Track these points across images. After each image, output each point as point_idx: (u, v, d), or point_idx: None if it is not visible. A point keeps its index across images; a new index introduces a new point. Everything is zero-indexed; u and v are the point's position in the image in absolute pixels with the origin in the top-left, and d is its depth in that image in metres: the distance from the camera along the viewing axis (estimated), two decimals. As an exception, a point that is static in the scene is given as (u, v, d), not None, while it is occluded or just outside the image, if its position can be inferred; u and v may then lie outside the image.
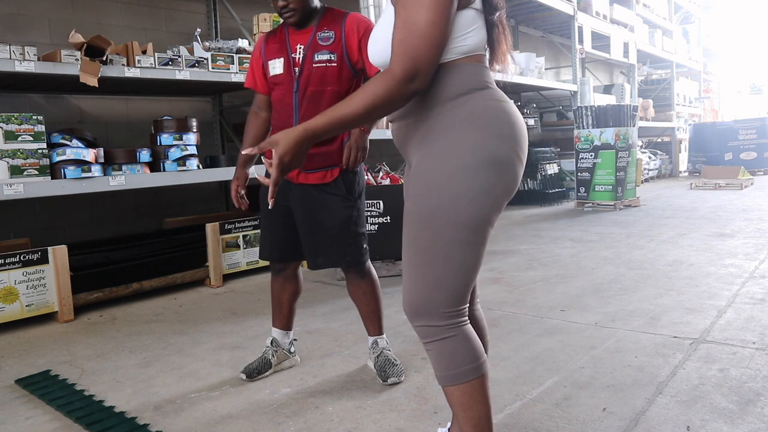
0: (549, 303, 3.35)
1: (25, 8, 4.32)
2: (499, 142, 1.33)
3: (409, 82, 1.23)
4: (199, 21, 5.36)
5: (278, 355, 2.50)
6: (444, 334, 1.36)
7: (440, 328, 1.36)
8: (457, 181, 1.31)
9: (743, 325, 2.82)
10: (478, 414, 1.39)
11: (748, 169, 11.44)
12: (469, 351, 1.38)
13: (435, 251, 1.33)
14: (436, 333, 1.36)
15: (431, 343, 1.38)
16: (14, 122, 3.23)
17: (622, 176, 7.65)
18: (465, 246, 1.33)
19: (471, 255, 1.34)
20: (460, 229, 1.32)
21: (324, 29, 2.22)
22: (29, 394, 2.36)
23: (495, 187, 1.33)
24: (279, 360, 2.50)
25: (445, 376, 1.39)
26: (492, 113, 1.34)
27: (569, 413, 2.00)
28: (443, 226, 1.32)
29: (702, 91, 16.25)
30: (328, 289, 3.96)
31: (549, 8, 8.44)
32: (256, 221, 4.45)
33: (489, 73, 1.41)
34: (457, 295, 1.35)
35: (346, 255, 2.29)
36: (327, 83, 2.21)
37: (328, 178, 2.25)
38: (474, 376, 1.37)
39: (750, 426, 1.85)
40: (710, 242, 4.98)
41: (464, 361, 1.37)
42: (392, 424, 1.98)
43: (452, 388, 1.38)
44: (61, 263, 3.38)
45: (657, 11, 12.30)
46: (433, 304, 1.35)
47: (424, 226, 1.34)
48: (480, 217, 1.33)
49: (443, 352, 1.37)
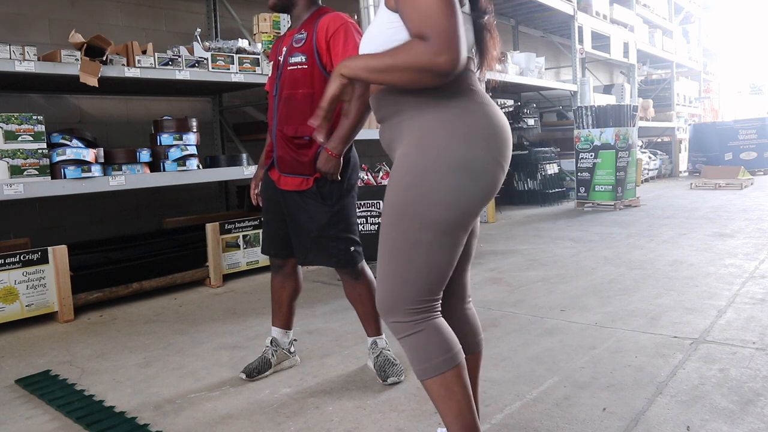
0: (549, 303, 3.35)
1: (25, 8, 4.32)
2: (473, 146, 1.33)
3: (444, 54, 1.20)
4: (199, 21, 5.36)
5: (278, 355, 2.49)
6: (413, 329, 1.38)
7: (408, 323, 1.38)
8: (424, 181, 1.32)
9: (743, 325, 2.82)
10: (457, 405, 1.39)
11: (748, 169, 11.43)
12: (440, 343, 1.39)
13: (401, 249, 1.36)
14: (405, 329, 1.39)
15: (403, 339, 1.41)
16: (14, 122, 3.23)
17: (622, 176, 7.65)
18: (431, 246, 1.34)
19: (437, 256, 1.36)
20: (425, 230, 1.33)
21: (302, 30, 2.21)
22: (29, 394, 2.36)
23: (466, 191, 1.33)
24: (279, 360, 2.50)
25: (419, 370, 1.40)
26: (471, 117, 1.34)
27: (569, 413, 2.00)
28: (409, 224, 1.34)
29: (702, 91, 16.26)
30: (328, 289, 3.96)
31: (549, 8, 8.44)
32: (256, 221, 4.45)
33: (474, 76, 1.41)
34: (423, 293, 1.38)
35: (331, 256, 2.28)
36: (298, 86, 2.18)
37: (304, 185, 2.24)
38: (448, 367, 1.38)
39: (750, 426, 1.85)
40: (710, 242, 4.98)
41: (436, 353, 1.38)
42: (392, 424, 1.98)
43: (429, 381, 1.40)
44: (61, 263, 3.38)
45: (657, 11, 12.30)
46: (399, 302, 1.38)
47: (392, 224, 1.37)
48: (447, 219, 1.33)
49: (415, 347, 1.39)
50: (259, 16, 4.85)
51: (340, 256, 2.29)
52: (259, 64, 4.41)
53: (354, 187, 2.34)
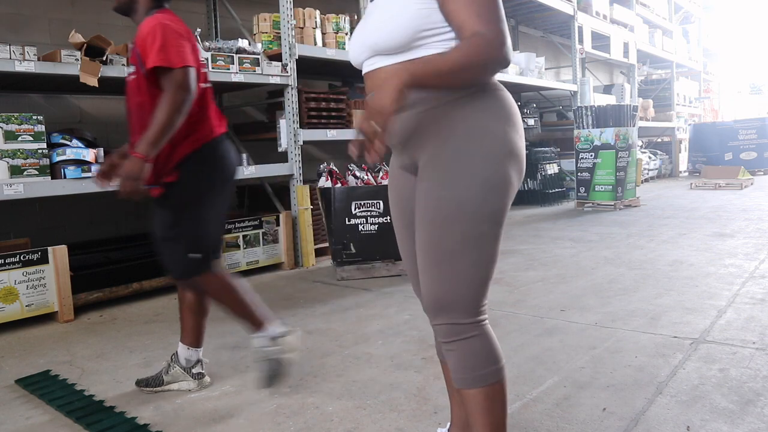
0: (549, 303, 3.35)
1: (25, 8, 4.32)
2: (515, 132, 1.33)
3: (503, 46, 1.21)
4: (199, 21, 5.36)
5: (173, 373, 2.31)
6: (468, 332, 1.31)
7: (465, 326, 1.31)
8: (484, 170, 1.27)
9: (743, 325, 2.82)
10: (497, 420, 1.33)
11: (748, 169, 11.43)
12: (492, 352, 1.34)
13: (462, 245, 1.28)
14: (460, 331, 1.31)
15: (454, 343, 1.32)
16: (14, 122, 3.23)
17: (622, 176, 7.65)
18: (489, 238, 1.30)
19: (494, 247, 1.32)
20: (486, 221, 1.28)
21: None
22: (29, 394, 2.36)
23: (513, 177, 1.32)
24: (173, 378, 2.31)
25: (467, 378, 1.33)
26: (506, 103, 1.34)
27: (569, 413, 2.00)
28: (471, 218, 1.28)
29: (702, 91, 16.26)
30: (328, 289, 3.96)
31: (549, 8, 8.45)
32: (256, 221, 4.45)
33: None
34: (482, 289, 1.32)
35: (169, 265, 2.18)
36: (132, 95, 2.12)
37: (157, 192, 2.14)
38: (496, 378, 1.33)
39: (750, 426, 1.85)
40: (710, 242, 4.98)
41: (488, 362, 1.32)
42: (392, 424, 1.98)
43: (474, 391, 1.32)
44: (61, 263, 3.38)
45: (657, 11, 12.31)
46: (460, 300, 1.30)
47: (450, 219, 1.28)
48: (502, 208, 1.31)
49: (467, 352, 1.32)
50: (259, 16, 4.85)
51: (176, 266, 2.16)
52: (259, 64, 4.41)
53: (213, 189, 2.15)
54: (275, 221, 4.61)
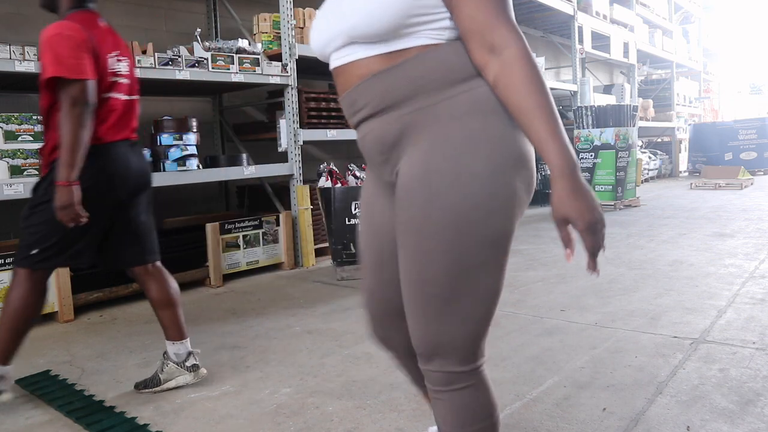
0: (549, 303, 3.35)
1: (25, 8, 4.32)
2: (523, 135, 1.07)
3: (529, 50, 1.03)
4: (199, 21, 5.36)
5: (168, 370, 2.33)
6: (462, 382, 1.12)
7: (459, 374, 1.11)
8: (485, 186, 1.03)
9: (743, 325, 2.82)
10: None
11: (748, 169, 11.43)
12: (486, 404, 1.15)
13: (458, 278, 1.05)
14: (453, 380, 1.12)
15: (445, 393, 1.13)
16: (14, 122, 3.23)
17: (622, 176, 7.66)
18: (492, 268, 1.07)
19: (497, 279, 1.09)
20: (487, 248, 1.05)
21: None
22: (29, 394, 2.36)
23: (522, 191, 1.08)
24: (169, 375, 2.33)
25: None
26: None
27: (569, 413, 2.00)
28: (469, 244, 1.04)
29: (702, 91, 16.27)
30: (328, 289, 3.96)
31: (549, 8, 8.44)
32: (256, 221, 4.45)
33: None
34: (483, 329, 1.12)
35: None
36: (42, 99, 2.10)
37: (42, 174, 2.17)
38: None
39: (750, 426, 1.85)
40: (710, 242, 4.98)
41: (480, 416, 1.14)
42: (392, 424, 1.98)
43: None
44: (61, 263, 3.37)
45: (657, 11, 12.32)
46: (456, 344, 1.09)
47: (443, 247, 1.04)
48: (508, 231, 1.07)
49: (458, 405, 1.12)
50: (259, 16, 4.85)
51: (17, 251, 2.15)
52: (259, 64, 4.41)
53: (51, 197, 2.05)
54: (275, 221, 4.61)
